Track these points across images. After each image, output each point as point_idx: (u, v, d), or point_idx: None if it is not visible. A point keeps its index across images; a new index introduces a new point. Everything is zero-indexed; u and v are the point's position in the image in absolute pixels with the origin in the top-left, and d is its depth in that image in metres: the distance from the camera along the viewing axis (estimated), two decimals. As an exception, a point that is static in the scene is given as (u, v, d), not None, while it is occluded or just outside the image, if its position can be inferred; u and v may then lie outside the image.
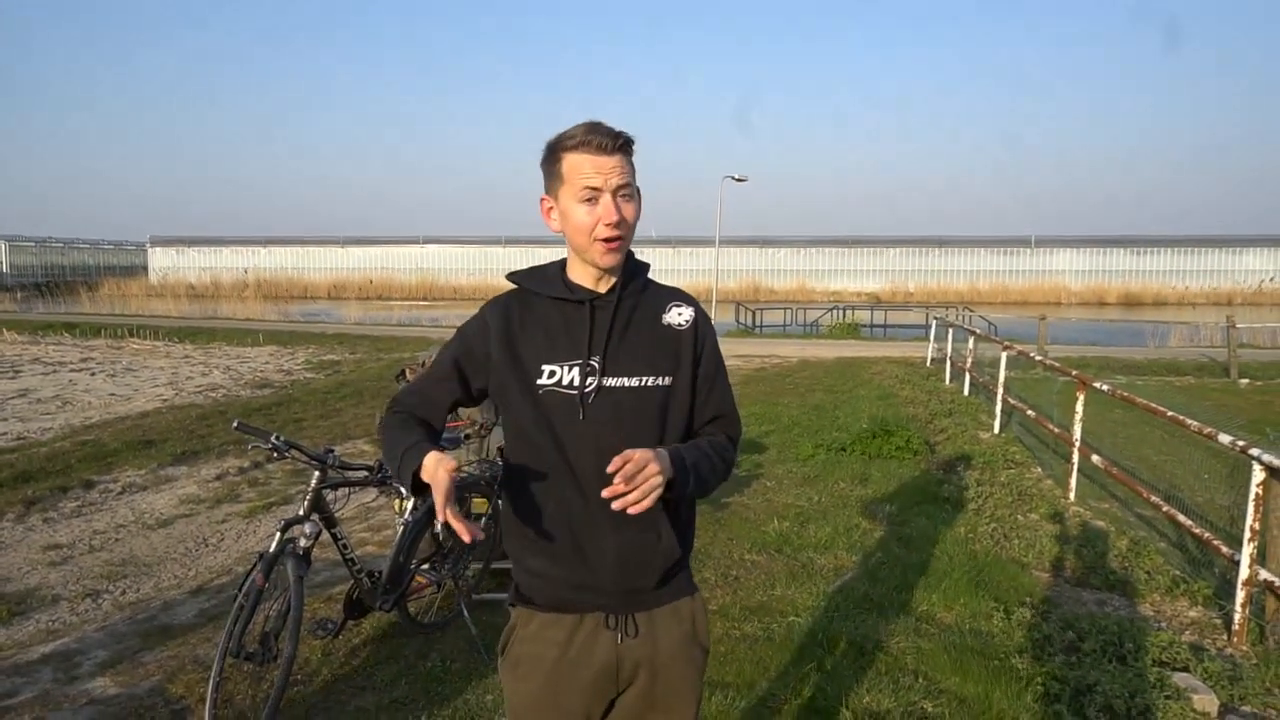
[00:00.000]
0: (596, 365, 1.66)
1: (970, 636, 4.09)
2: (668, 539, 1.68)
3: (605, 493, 1.48)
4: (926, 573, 4.92)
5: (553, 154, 1.66)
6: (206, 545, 5.81)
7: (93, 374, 14.86)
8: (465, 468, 4.39)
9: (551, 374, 1.66)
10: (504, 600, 1.80)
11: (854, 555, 5.30)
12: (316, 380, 14.07)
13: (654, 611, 1.73)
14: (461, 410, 4.69)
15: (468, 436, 4.59)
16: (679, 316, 1.75)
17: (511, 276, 1.79)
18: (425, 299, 47.64)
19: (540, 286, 1.73)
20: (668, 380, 1.69)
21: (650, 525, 1.66)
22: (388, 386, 12.68)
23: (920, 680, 3.66)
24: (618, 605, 1.70)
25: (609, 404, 1.65)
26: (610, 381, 1.66)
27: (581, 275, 1.71)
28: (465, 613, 3.99)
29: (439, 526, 3.94)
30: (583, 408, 1.64)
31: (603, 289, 1.71)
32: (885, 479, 7.18)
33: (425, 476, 1.57)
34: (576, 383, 1.65)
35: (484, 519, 4.31)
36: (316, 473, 3.36)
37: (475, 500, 4.29)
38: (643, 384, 1.67)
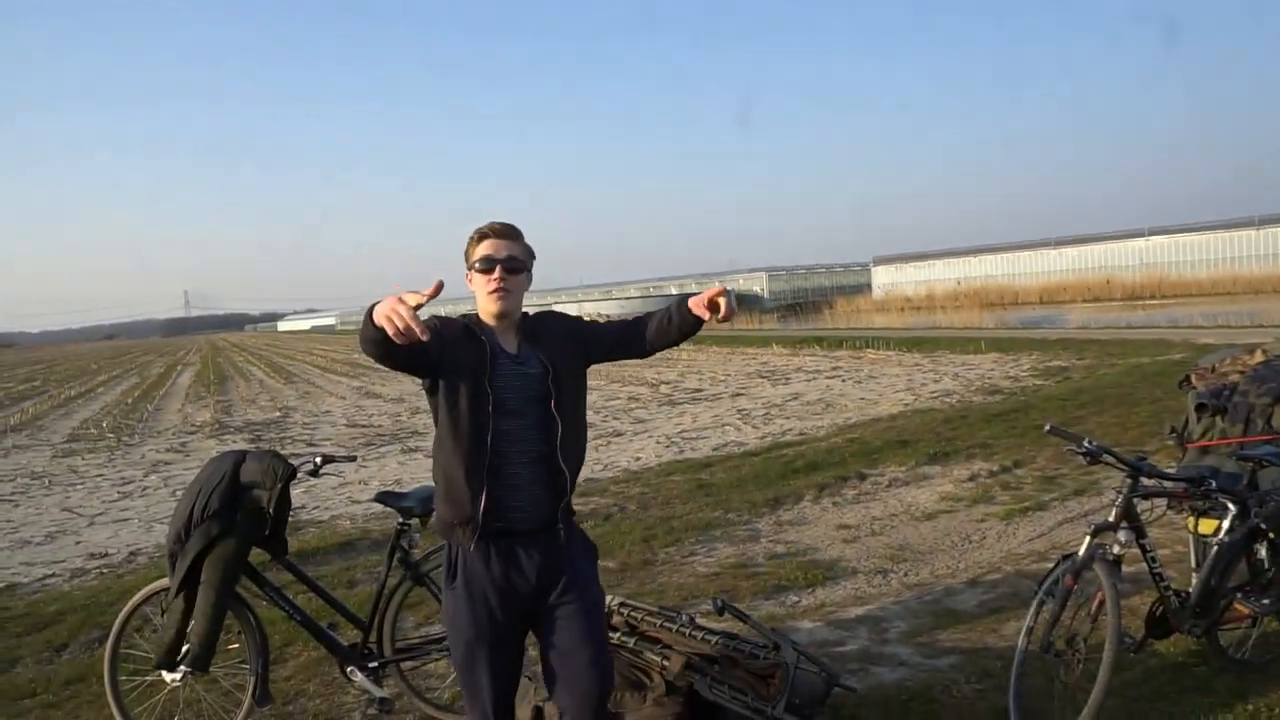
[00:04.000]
0: None
1: None
2: None
3: None
4: None
5: None
6: (970, 541, 6.14)
7: (842, 380, 17.07)
8: None
9: None
10: None
11: None
12: (1047, 387, 13.72)
13: None
14: None
15: None
16: None
17: None
18: (1153, 297, 42.59)
19: None
20: None
21: None
22: (1129, 393, 11.68)
23: None
24: None
25: None
26: None
27: None
28: None
29: (1262, 553, 3.46)
30: None
31: None
32: None
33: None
34: None
35: None
36: (1129, 480, 3.26)
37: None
38: None
